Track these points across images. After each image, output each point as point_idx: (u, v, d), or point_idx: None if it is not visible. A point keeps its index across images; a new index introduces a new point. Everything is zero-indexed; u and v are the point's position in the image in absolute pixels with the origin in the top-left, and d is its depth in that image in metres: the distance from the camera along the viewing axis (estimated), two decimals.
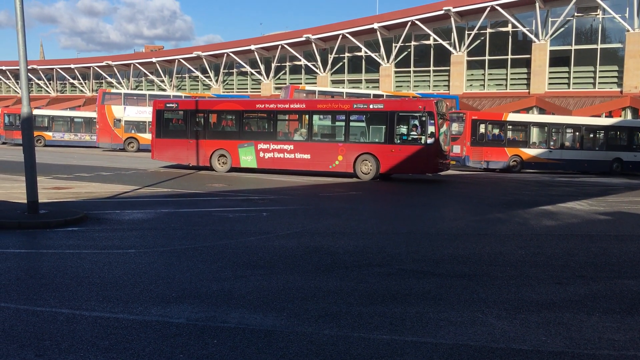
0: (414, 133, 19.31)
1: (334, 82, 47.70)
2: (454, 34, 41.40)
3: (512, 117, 28.22)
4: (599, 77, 37.45)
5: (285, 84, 46.67)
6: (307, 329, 4.85)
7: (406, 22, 42.43)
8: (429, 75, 43.89)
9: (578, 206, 14.24)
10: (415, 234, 10.10)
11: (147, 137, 36.54)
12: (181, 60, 54.69)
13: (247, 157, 21.24)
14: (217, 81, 53.75)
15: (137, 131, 37.25)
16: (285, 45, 48.32)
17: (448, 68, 42.48)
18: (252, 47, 49.83)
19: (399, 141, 19.44)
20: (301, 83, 47.34)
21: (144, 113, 37.15)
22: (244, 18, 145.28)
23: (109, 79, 59.90)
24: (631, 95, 35.16)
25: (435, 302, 5.76)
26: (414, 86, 44.09)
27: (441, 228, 10.94)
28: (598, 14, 37.06)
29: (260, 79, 51.32)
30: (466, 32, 41.34)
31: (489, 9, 38.84)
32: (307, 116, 21.01)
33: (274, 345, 4.45)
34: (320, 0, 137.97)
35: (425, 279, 6.71)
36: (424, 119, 18.86)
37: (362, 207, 14.01)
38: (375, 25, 43.35)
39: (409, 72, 44.73)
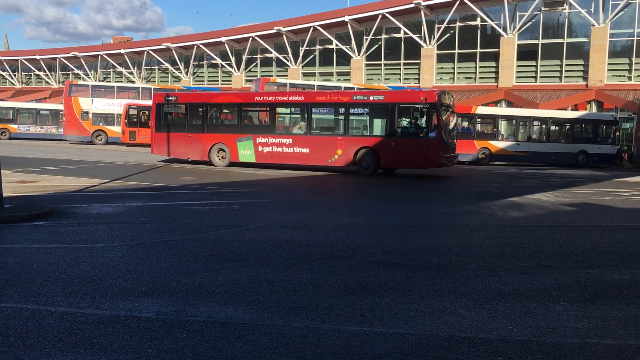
0: (415, 126, 18.57)
1: (305, 74, 47.60)
2: (424, 28, 41.66)
3: (481, 110, 28.61)
4: (565, 70, 38.13)
5: (256, 76, 46.40)
6: (277, 321, 4.85)
7: (377, 15, 42.52)
8: (400, 68, 44.12)
9: (544, 198, 14.51)
10: (386, 226, 10.17)
11: (115, 129, 36.09)
12: (150, 52, 53.90)
13: (246, 152, 20.73)
14: (187, 73, 53.15)
15: (105, 124, 36.68)
16: (256, 38, 48.01)
17: (418, 61, 42.75)
18: (223, 39, 49.37)
19: (399, 134, 18.69)
20: (272, 75, 47.13)
21: (112, 105, 36.63)
22: (214, 9, 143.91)
23: (76, 71, 58.71)
24: (596, 88, 35.90)
25: (405, 293, 5.82)
26: (385, 79, 44.28)
27: (411, 220, 11.04)
28: (564, 9, 37.69)
29: (231, 71, 50.92)
30: (436, 26, 41.63)
31: (458, 2, 39.15)
32: (305, 109, 20.32)
33: (244, 338, 4.45)
34: None
35: (395, 270, 6.77)
36: (425, 110, 18.03)
37: (334, 200, 14.06)
38: (346, 18, 43.36)
39: (380, 65, 44.88)
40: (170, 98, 22.55)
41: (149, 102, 36.34)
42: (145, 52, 54.24)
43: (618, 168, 28.86)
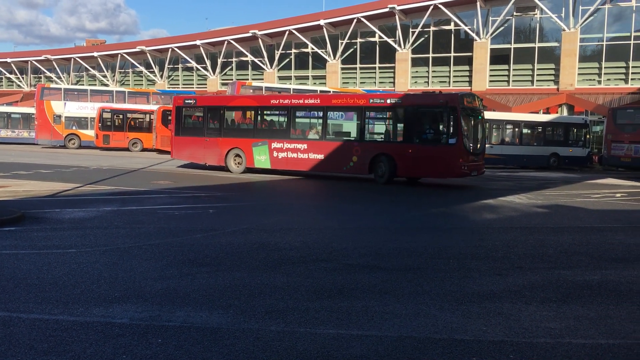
0: (434, 131, 17.28)
1: (281, 78, 47.57)
2: (399, 32, 41.96)
3: None
4: (537, 75, 38.72)
5: (232, 79, 46.24)
6: (253, 325, 4.84)
7: (352, 19, 42.70)
8: (375, 72, 44.34)
9: (517, 200, 14.72)
10: (361, 229, 10.22)
11: (89, 133, 35.62)
12: (124, 55, 53.34)
13: (261, 157, 19.79)
14: (162, 77, 52.71)
15: (78, 127, 36.17)
16: (232, 41, 47.83)
17: (393, 65, 43.02)
18: (198, 42, 49.08)
19: (417, 140, 17.11)
20: (248, 79, 47.00)
21: (86, 109, 36.14)
22: (189, 13, 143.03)
23: (48, 74, 57.79)
24: (567, 92, 36.53)
25: (381, 295, 5.85)
26: (360, 83, 44.47)
27: (387, 223, 11.10)
28: (536, 14, 38.30)
29: (206, 75, 50.64)
30: (410, 30, 41.95)
31: (432, 7, 39.52)
32: (320, 112, 19.18)
33: (220, 343, 4.43)
34: None
35: (371, 273, 6.80)
36: (445, 115, 16.58)
37: (311, 203, 14.08)
38: (322, 22, 43.45)
39: (355, 68, 45.07)
40: (189, 101, 22.13)
41: (123, 106, 36.13)
42: (119, 55, 53.66)
43: (589, 170, 29.41)
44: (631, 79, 36.15)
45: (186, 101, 22.13)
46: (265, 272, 6.64)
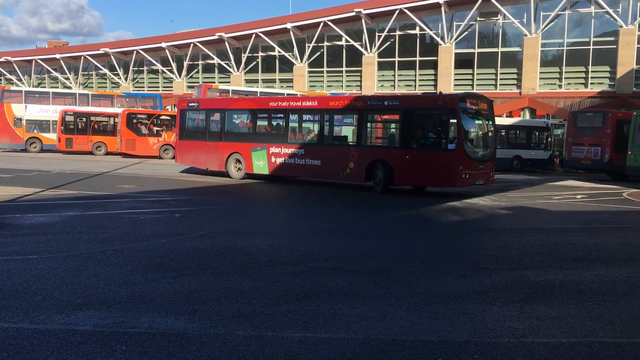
0: (433, 135, 15.81)
1: (248, 81, 47.37)
2: (365, 36, 42.24)
3: None
4: (500, 79, 39.44)
5: (198, 82, 45.84)
6: (220, 330, 4.80)
7: (318, 23, 42.82)
8: (342, 76, 44.53)
9: (482, 202, 14.95)
10: (329, 232, 10.24)
11: (50, 137, 34.89)
12: (87, 57, 52.38)
13: (260, 162, 18.88)
14: (126, 79, 51.94)
15: (39, 131, 35.37)
16: (198, 44, 47.43)
17: (360, 69, 43.28)
18: (163, 44, 48.54)
19: (415, 146, 15.76)
20: (214, 82, 46.67)
21: (47, 112, 35.40)
22: (155, 15, 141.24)
23: (9, 76, 56.36)
24: (529, 96, 37.30)
25: (348, 298, 5.87)
26: (328, 86, 44.60)
27: (354, 226, 11.15)
28: (499, 19, 39.03)
29: (172, 77, 50.10)
30: (377, 34, 42.27)
31: (397, 11, 39.91)
32: (317, 116, 18.22)
33: (185, 349, 4.38)
34: None
35: (338, 275, 6.82)
36: (444, 118, 15.15)
37: (277, 207, 14.04)
38: (289, 25, 43.45)
39: (322, 72, 45.18)
40: (192, 104, 21.50)
41: (87, 109, 35.48)
42: (82, 57, 52.67)
43: (550, 172, 30.07)
44: (590, 84, 37.12)
45: (189, 104, 21.52)
46: (232, 276, 6.59)
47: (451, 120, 15.00)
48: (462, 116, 14.87)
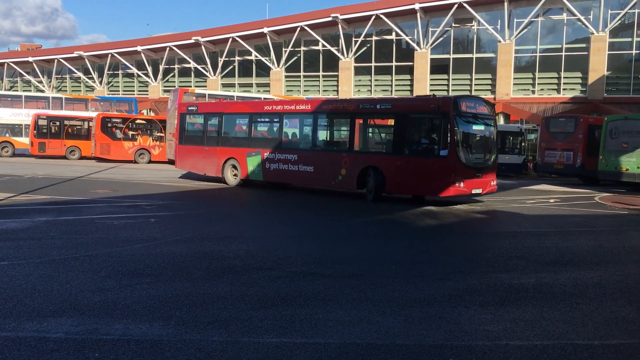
0: (425, 141, 14.84)
1: (224, 85, 47.19)
2: (342, 41, 42.41)
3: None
4: (475, 84, 39.90)
5: (174, 86, 45.53)
6: (195, 336, 4.76)
7: (295, 28, 42.88)
8: (319, 80, 44.62)
9: (457, 206, 15.08)
10: (306, 236, 10.23)
11: (23, 141, 34.34)
12: (61, 60, 51.67)
13: (255, 168, 18.29)
14: (101, 83, 51.35)
15: (12, 135, 34.77)
16: (174, 47, 47.13)
17: (337, 73, 43.42)
18: (139, 48, 48.11)
19: (407, 152, 14.88)
20: (191, 86, 46.38)
21: (20, 115, 34.84)
22: (130, 18, 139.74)
23: None
24: (503, 101, 37.79)
25: (325, 302, 5.87)
26: (304, 91, 44.63)
27: (331, 230, 11.16)
28: (473, 25, 39.52)
29: (147, 81, 49.68)
30: (353, 39, 42.47)
31: (374, 17, 40.16)
32: (310, 119, 17.46)
33: (160, 355, 4.33)
34: (210, 3, 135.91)
35: (314, 280, 6.82)
36: (437, 122, 14.23)
37: (255, 211, 13.99)
38: (265, 30, 43.43)
39: (299, 76, 45.23)
40: (191, 108, 20.95)
41: (60, 112, 34.96)
42: (56, 60, 51.94)
43: (524, 177, 30.46)
44: (563, 89, 37.77)
45: (189, 108, 20.98)
46: (208, 282, 6.55)
47: (444, 125, 14.01)
48: (456, 120, 13.95)
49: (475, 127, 14.90)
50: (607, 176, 22.73)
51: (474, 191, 14.62)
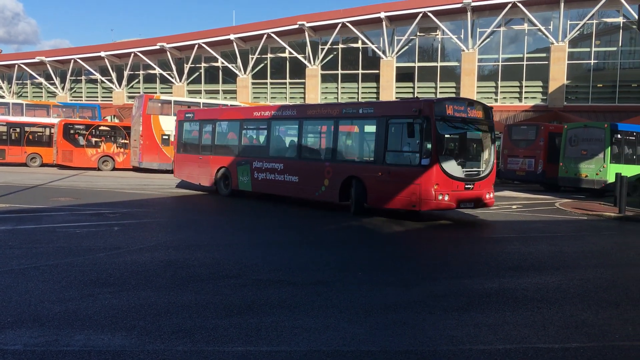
0: (407, 148, 13.32)
1: (190, 92, 46.81)
2: (308, 48, 42.56)
3: None
4: (440, 92, 40.45)
5: (139, 92, 44.98)
6: (159, 346, 4.69)
7: (262, 35, 42.86)
8: (286, 87, 44.66)
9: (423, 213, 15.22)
10: (272, 243, 10.19)
11: None
12: (22, 65, 50.53)
13: (244, 178, 17.39)
14: (63, 88, 50.38)
15: None
16: (139, 53, 46.58)
17: (303, 81, 43.52)
18: (102, 53, 47.40)
19: (389, 161, 13.47)
20: (156, 92, 45.88)
21: None
22: (94, 23, 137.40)
23: None
24: None
25: (291, 310, 5.85)
26: (271, 98, 44.60)
27: (298, 237, 11.15)
28: (437, 34, 40.13)
29: (111, 87, 48.94)
30: (320, 47, 42.67)
31: (340, 25, 40.44)
32: (295, 126, 16.34)
33: None
34: (176, 9, 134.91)
35: (281, 288, 6.80)
36: (418, 127, 12.65)
37: (220, 219, 13.88)
38: (232, 37, 43.30)
39: (266, 83, 45.18)
40: (188, 115, 20.20)
41: (21, 119, 34.15)
42: (17, 66, 50.78)
43: None
44: (524, 98, 38.63)
45: (186, 115, 20.25)
46: (172, 291, 6.47)
47: (425, 130, 12.54)
48: (439, 125, 12.61)
49: (464, 133, 13.74)
50: (567, 182, 23.27)
51: (462, 205, 13.21)
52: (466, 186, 13.03)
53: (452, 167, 12.93)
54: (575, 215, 15.92)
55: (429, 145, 12.57)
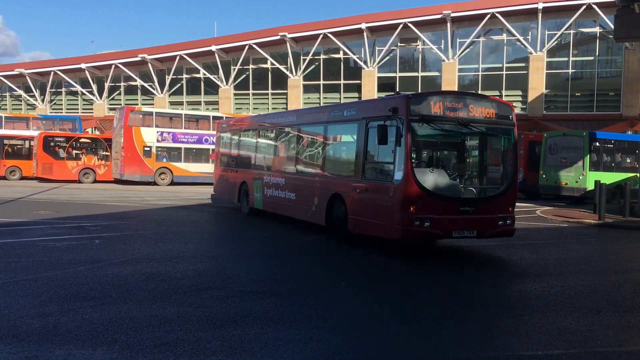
0: (384, 159, 10.29)
1: (172, 103, 46.65)
2: (290, 59, 42.69)
3: None
4: None
5: (120, 104, 44.71)
6: None
7: (244, 46, 42.93)
8: (268, 98, 44.70)
9: None
10: (255, 254, 10.14)
11: None
12: (1, 78, 50.00)
13: (258, 195, 15.42)
14: (43, 101, 49.92)
15: None
16: (120, 65, 46.35)
17: (286, 91, 43.62)
18: (83, 65, 47.10)
19: (368, 175, 10.63)
20: (137, 104, 45.65)
21: None
22: (74, 35, 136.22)
23: None
24: None
25: (274, 321, 5.82)
26: (254, 108, 44.61)
27: (281, 247, 11.10)
28: (418, 45, 40.52)
29: (92, 99, 48.61)
30: (302, 57, 42.84)
31: (322, 36, 40.67)
32: (294, 135, 14.00)
33: None
34: (157, 20, 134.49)
35: (265, 299, 6.76)
36: (394, 131, 9.75)
37: (203, 230, 13.79)
38: (213, 48, 43.29)
39: (248, 94, 45.19)
40: (223, 126, 19.00)
41: (0, 132, 33.72)
42: None
43: None
44: None
45: (222, 126, 19.01)
46: (154, 304, 6.40)
47: (398, 136, 9.67)
48: (417, 128, 9.74)
49: (459, 138, 10.92)
50: (547, 190, 23.54)
51: (456, 234, 9.82)
52: (462, 208, 9.78)
53: (440, 183, 10.00)
54: (555, 222, 16.08)
55: (403, 155, 9.55)
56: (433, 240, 11.14)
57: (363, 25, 39.31)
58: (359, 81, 41.64)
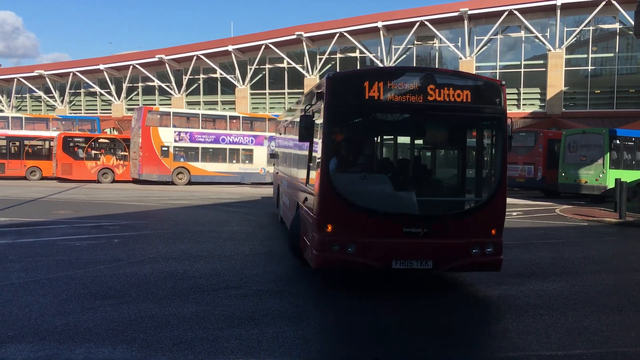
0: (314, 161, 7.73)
1: (189, 103, 46.92)
2: (306, 58, 42.71)
3: None
4: None
5: (138, 105, 45.09)
6: (160, 358, 4.67)
7: (260, 45, 43.05)
8: (284, 97, 44.77)
9: None
10: (272, 254, 10.16)
11: None
12: (21, 79, 50.69)
13: (280, 202, 13.87)
14: (62, 102, 50.51)
15: None
16: (137, 66, 46.73)
17: (302, 90, 43.55)
18: (101, 66, 47.58)
19: (310, 180, 7.82)
20: (155, 104, 46.00)
21: None
22: (93, 37, 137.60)
23: None
24: None
25: (292, 320, 5.83)
26: (270, 108, 44.71)
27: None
28: (435, 43, 40.30)
29: (110, 100, 49.07)
30: (318, 57, 42.84)
31: (338, 35, 40.63)
32: (290, 135, 12.08)
33: None
34: (174, 21, 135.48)
35: (282, 298, 6.78)
36: (318, 120, 7.39)
37: (220, 229, 13.84)
38: (230, 48, 43.47)
39: (265, 94, 45.31)
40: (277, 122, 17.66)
41: (20, 132, 34.19)
42: (16, 80, 50.94)
43: None
44: (523, 105, 38.71)
45: (278, 123, 17.62)
46: (173, 302, 6.44)
47: (321, 127, 7.09)
48: (338, 117, 7.13)
49: (409, 131, 8.62)
50: (566, 189, 23.27)
51: (398, 264, 6.83)
52: (407, 229, 6.85)
53: (374, 192, 7.29)
54: (575, 221, 15.90)
55: (320, 155, 7.01)
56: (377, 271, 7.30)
57: (379, 24, 39.18)
58: None
